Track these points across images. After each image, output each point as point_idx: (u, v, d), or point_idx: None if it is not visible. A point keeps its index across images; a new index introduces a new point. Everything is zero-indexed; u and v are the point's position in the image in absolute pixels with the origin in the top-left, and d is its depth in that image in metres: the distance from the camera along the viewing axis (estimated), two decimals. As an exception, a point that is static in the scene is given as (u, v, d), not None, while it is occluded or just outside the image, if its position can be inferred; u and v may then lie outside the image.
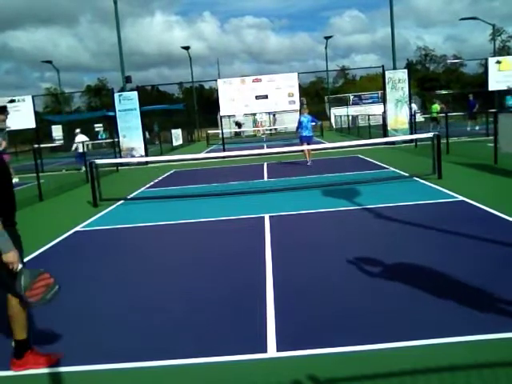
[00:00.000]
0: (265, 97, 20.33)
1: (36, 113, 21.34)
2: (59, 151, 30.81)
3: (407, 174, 10.89)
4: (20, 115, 19.28)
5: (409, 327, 3.48)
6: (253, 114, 36.92)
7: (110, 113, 23.35)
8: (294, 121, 19.77)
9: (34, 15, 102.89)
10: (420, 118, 27.30)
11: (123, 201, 10.32)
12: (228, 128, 36.88)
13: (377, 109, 31.90)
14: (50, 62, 41.20)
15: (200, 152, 22.58)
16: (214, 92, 38.85)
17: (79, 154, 19.27)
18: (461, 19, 35.33)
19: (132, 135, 19.96)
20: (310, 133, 14.30)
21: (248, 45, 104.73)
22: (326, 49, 42.47)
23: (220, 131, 24.25)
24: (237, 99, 20.31)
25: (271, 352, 3.28)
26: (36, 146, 18.73)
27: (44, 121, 34.16)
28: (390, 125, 19.61)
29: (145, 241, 6.94)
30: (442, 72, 66.89)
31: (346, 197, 8.66)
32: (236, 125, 40.39)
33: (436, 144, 10.05)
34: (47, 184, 13.20)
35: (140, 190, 11.88)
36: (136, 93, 20.23)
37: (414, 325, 3.50)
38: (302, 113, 14.64)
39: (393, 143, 18.22)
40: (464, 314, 3.60)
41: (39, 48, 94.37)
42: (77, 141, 19.54)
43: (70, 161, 21.05)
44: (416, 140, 16.65)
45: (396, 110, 19.52)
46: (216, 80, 21.65)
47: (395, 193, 8.92)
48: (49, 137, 32.31)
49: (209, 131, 34.99)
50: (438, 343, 3.20)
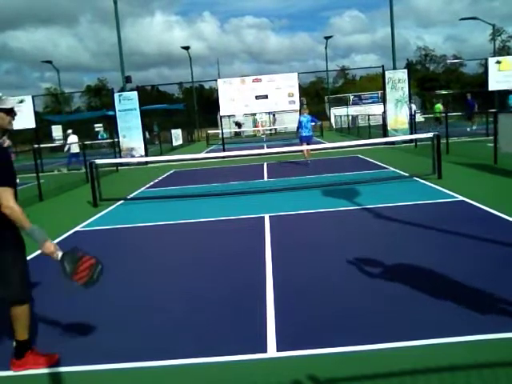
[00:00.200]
0: (265, 97, 20.32)
1: (36, 113, 21.35)
2: (59, 151, 30.78)
3: (407, 174, 10.90)
4: (20, 115, 19.19)
5: (409, 327, 3.48)
6: (253, 114, 36.93)
7: (110, 112, 23.35)
8: (294, 121, 19.80)
9: (34, 15, 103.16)
10: (420, 118, 27.30)
11: (123, 201, 10.32)
12: (228, 128, 36.88)
13: (377, 109, 31.88)
14: (50, 62, 41.22)
15: (200, 152, 22.58)
16: (214, 92, 38.89)
17: (72, 155, 19.34)
18: (461, 19, 35.34)
19: (132, 135, 19.96)
20: (310, 132, 14.33)
21: (248, 45, 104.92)
22: (326, 49, 42.53)
23: (220, 131, 24.25)
24: (237, 99, 20.30)
25: (271, 352, 3.28)
26: (36, 146, 18.73)
27: (44, 121, 34.09)
28: (390, 125, 19.61)
29: (145, 241, 6.95)
30: (442, 72, 66.89)
31: (346, 197, 8.66)
32: (236, 125, 40.39)
33: (436, 144, 10.06)
34: (47, 184, 13.20)
35: (140, 190, 11.88)
36: (136, 93, 20.23)
37: (414, 325, 3.50)
38: (302, 113, 14.66)
39: (393, 143, 18.21)
40: (464, 314, 3.60)
41: (39, 48, 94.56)
42: (69, 141, 19.60)
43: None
44: (416, 140, 16.65)
45: (396, 110, 19.52)
46: (216, 80, 21.64)
47: (395, 193, 8.92)
48: (49, 137, 32.22)
49: (209, 131, 35.00)
50: (438, 343, 3.20)
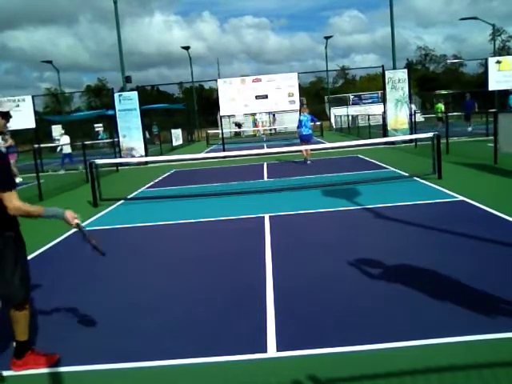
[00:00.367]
0: (265, 97, 20.31)
1: (36, 113, 21.35)
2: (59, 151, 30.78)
3: (407, 174, 10.90)
4: (20, 115, 19.28)
5: (408, 327, 3.48)
6: (252, 114, 36.92)
7: (110, 112, 23.34)
8: (294, 121, 19.80)
9: (34, 15, 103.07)
10: (420, 118, 27.30)
11: (123, 201, 10.32)
12: (228, 128, 36.88)
13: (377, 109, 31.90)
14: (50, 62, 41.16)
15: (200, 152, 22.57)
16: (214, 92, 38.82)
17: (65, 155, 19.37)
18: (460, 19, 35.35)
19: (132, 135, 19.97)
20: (310, 131, 14.50)
21: (248, 45, 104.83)
22: (326, 49, 42.49)
23: (220, 131, 24.24)
24: (237, 99, 20.29)
25: (271, 352, 3.28)
26: (36, 146, 18.74)
27: (44, 121, 34.06)
28: (390, 125, 19.60)
29: (145, 241, 6.94)
30: (442, 72, 66.93)
31: (346, 197, 8.66)
32: (236, 125, 40.37)
33: (436, 144, 10.06)
34: (47, 184, 13.20)
35: (140, 190, 11.88)
36: (136, 93, 20.21)
37: (414, 325, 3.50)
38: (302, 112, 14.83)
39: (393, 143, 18.21)
40: (464, 314, 3.60)
41: (39, 48, 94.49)
42: (62, 142, 19.62)
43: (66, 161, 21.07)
44: (416, 140, 16.65)
45: (396, 110, 19.51)
46: (216, 80, 21.62)
47: (395, 193, 8.92)
48: (49, 137, 32.23)
49: (209, 131, 34.99)
50: (438, 343, 3.20)
